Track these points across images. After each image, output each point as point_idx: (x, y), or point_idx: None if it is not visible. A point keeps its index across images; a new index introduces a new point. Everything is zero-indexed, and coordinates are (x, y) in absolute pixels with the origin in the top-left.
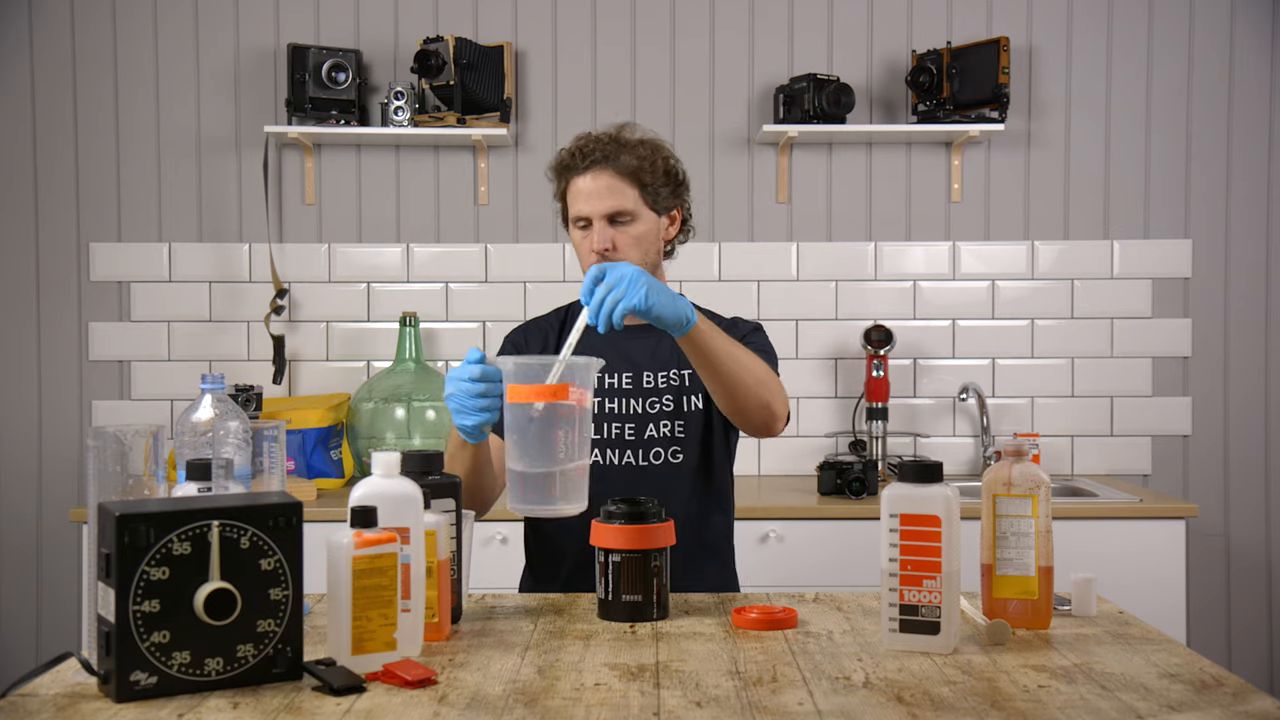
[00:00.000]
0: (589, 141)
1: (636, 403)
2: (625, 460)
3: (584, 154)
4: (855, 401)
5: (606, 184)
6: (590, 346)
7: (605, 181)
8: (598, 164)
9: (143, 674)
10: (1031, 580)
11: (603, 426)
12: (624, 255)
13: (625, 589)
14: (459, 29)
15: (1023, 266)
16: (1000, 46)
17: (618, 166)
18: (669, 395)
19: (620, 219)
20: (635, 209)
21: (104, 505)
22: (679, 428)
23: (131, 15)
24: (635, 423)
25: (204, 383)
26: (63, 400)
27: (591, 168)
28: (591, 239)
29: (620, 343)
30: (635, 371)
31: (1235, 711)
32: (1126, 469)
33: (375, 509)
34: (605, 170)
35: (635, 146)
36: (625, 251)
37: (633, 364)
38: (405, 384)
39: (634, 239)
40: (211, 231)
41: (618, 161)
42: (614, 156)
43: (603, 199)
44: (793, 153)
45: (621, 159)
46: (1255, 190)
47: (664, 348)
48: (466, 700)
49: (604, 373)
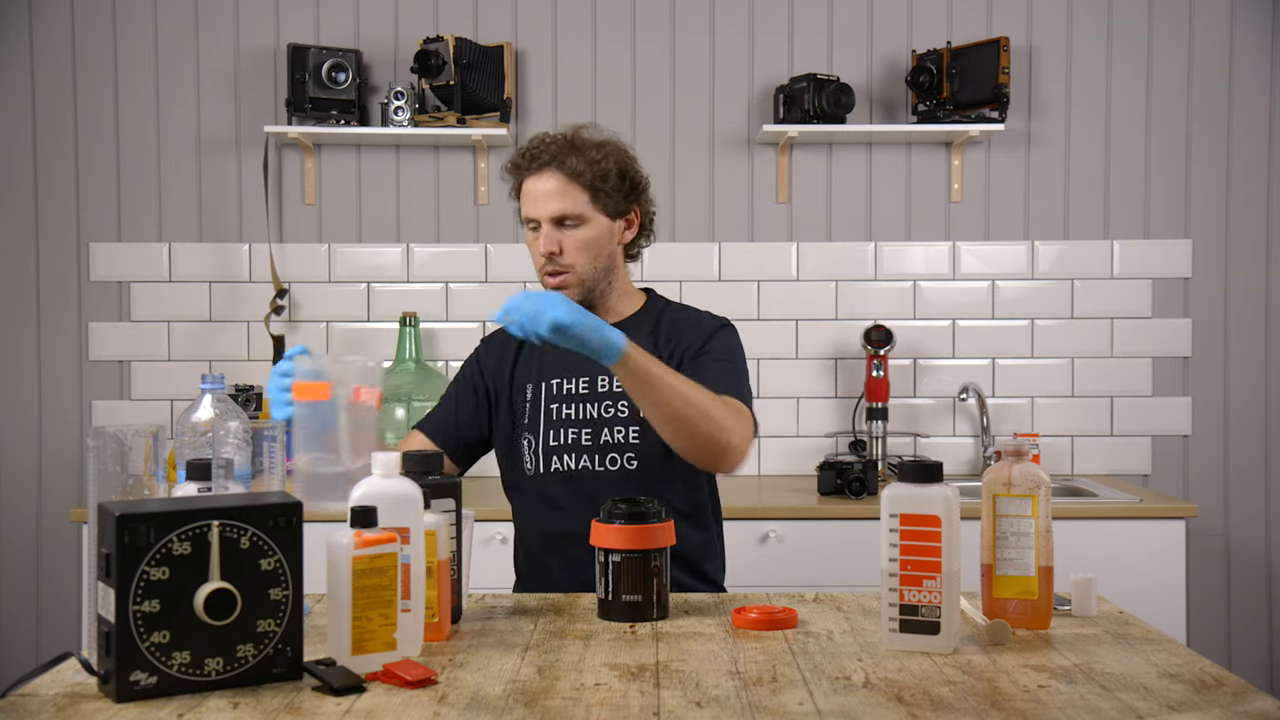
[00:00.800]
0: (541, 142)
1: (592, 407)
2: (582, 465)
3: (534, 155)
4: (855, 401)
5: (555, 186)
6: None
7: (554, 184)
8: (546, 165)
9: (143, 674)
10: (1031, 580)
11: (560, 431)
12: (570, 259)
13: (625, 589)
14: (459, 29)
15: (1023, 266)
16: (1000, 46)
17: (566, 169)
18: (624, 400)
19: (568, 222)
20: (584, 213)
21: (104, 505)
22: (633, 434)
23: (131, 15)
24: (591, 427)
25: (204, 383)
26: (63, 400)
27: (541, 169)
28: (538, 240)
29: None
30: (591, 375)
31: (1235, 711)
32: (1126, 469)
33: (375, 509)
34: (554, 172)
35: (589, 149)
36: (571, 255)
37: (589, 368)
38: (405, 384)
39: (582, 243)
40: (211, 231)
41: (565, 164)
42: (563, 159)
43: (549, 201)
44: (793, 153)
45: (570, 162)
46: (1255, 190)
47: None
48: (466, 700)
49: (562, 377)
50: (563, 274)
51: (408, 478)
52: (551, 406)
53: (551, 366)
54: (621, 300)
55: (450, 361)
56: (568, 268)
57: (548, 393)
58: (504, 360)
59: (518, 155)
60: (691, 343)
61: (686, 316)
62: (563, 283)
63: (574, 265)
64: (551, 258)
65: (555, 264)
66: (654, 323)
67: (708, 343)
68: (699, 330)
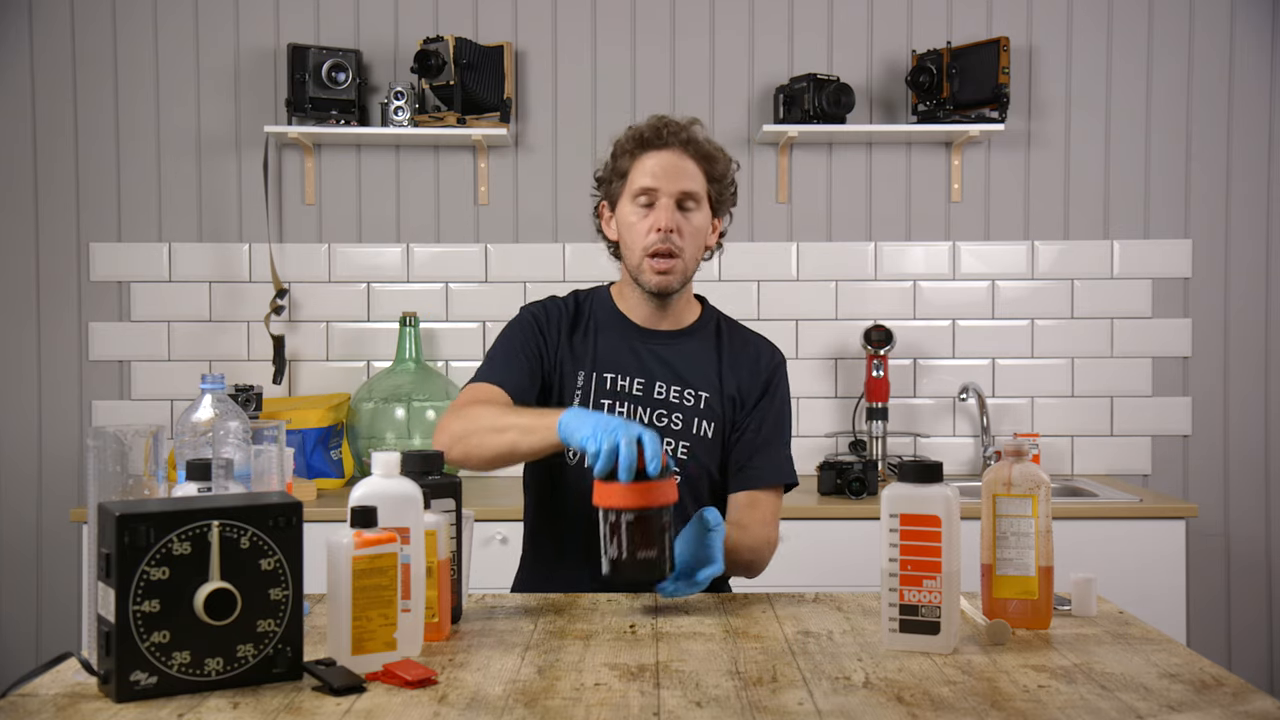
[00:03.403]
0: (671, 121)
1: (644, 411)
2: None
3: (669, 131)
4: (855, 401)
5: (687, 165)
6: (610, 342)
7: (686, 162)
8: (680, 144)
9: (143, 674)
10: (1031, 580)
11: None
12: (684, 243)
13: (640, 546)
14: (459, 29)
15: (1023, 266)
16: (1000, 46)
17: (697, 152)
18: (679, 414)
19: (688, 203)
20: (702, 197)
21: (104, 505)
22: (683, 449)
23: (131, 15)
24: None
25: (204, 383)
26: (63, 400)
27: (672, 146)
28: (655, 215)
29: (642, 346)
30: (647, 378)
31: (1235, 711)
32: (1126, 469)
33: (375, 509)
34: (684, 152)
35: (711, 143)
36: (685, 239)
37: (646, 370)
38: (405, 384)
39: (694, 229)
40: (211, 231)
41: (699, 148)
42: (696, 143)
43: (680, 178)
44: (793, 153)
45: (701, 147)
46: (1255, 190)
47: (684, 361)
48: (466, 700)
49: (616, 372)
50: (674, 256)
51: (408, 478)
52: (603, 401)
53: (606, 359)
54: (688, 306)
55: (450, 362)
56: (680, 250)
57: (599, 386)
58: (560, 338)
59: (644, 129)
60: (753, 385)
61: (745, 342)
62: (670, 268)
63: (684, 249)
64: (668, 235)
65: (670, 242)
66: (714, 337)
67: (765, 392)
68: (758, 367)
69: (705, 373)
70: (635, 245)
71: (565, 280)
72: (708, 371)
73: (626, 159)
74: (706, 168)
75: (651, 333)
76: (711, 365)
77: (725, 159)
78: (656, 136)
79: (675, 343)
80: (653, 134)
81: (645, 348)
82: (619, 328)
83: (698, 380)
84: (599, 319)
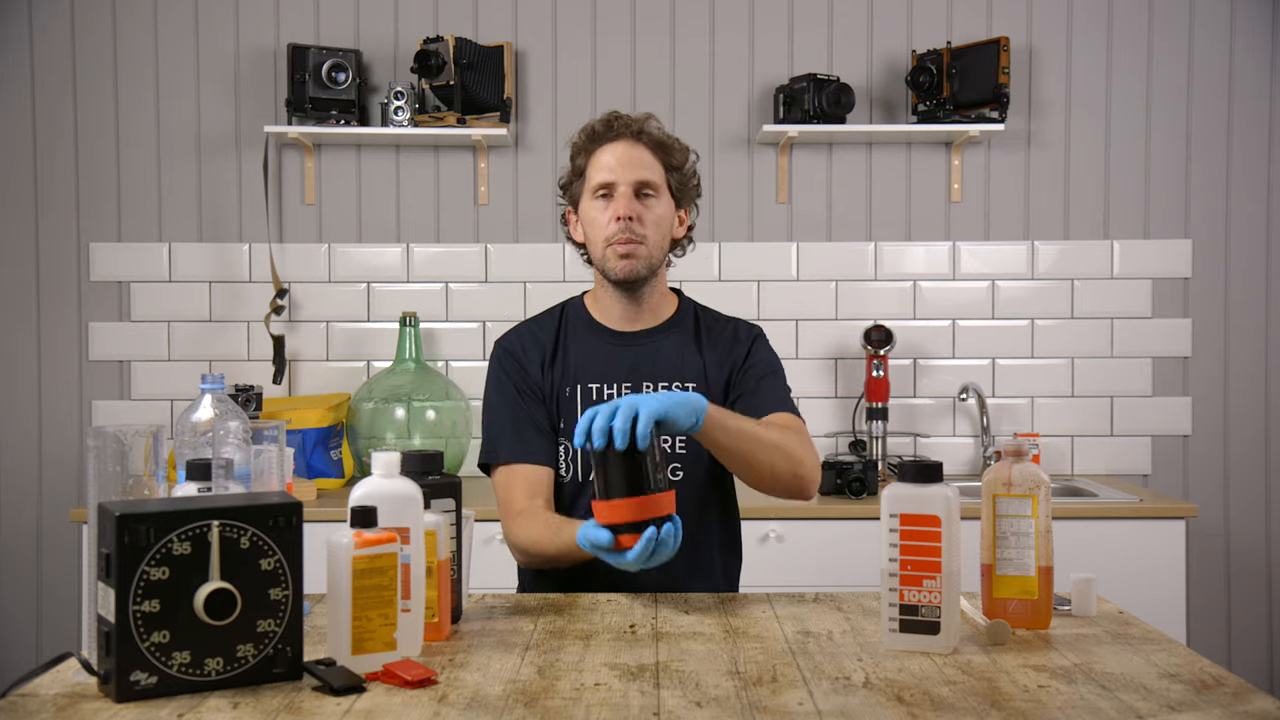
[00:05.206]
0: (619, 116)
1: None
2: None
3: (620, 123)
4: (855, 401)
5: (640, 155)
6: (588, 351)
7: (637, 153)
8: (631, 136)
9: (143, 674)
10: (1031, 580)
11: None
12: (645, 230)
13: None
14: (459, 29)
15: (1023, 266)
16: (1000, 46)
17: (649, 141)
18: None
19: (646, 192)
20: (661, 186)
21: (104, 505)
22: (679, 444)
23: (131, 15)
24: None
25: (204, 383)
26: (63, 400)
27: (624, 137)
28: (614, 205)
29: (620, 349)
30: (634, 382)
31: (1235, 711)
32: (1126, 469)
33: (375, 509)
34: (638, 142)
35: (664, 133)
36: (647, 227)
37: (630, 373)
38: (405, 384)
39: (656, 218)
40: (211, 231)
41: (651, 137)
42: (648, 132)
43: (633, 168)
44: (793, 153)
45: (654, 135)
46: (1255, 190)
47: (667, 356)
48: (466, 700)
49: (601, 381)
50: (636, 243)
51: (408, 477)
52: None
53: (589, 369)
54: (663, 300)
55: (450, 362)
56: (642, 237)
57: (585, 397)
58: (544, 361)
59: (596, 125)
60: (737, 354)
61: (723, 325)
62: (633, 252)
63: (647, 237)
64: (628, 224)
65: (631, 231)
66: (694, 327)
67: (750, 353)
68: (737, 339)
69: (690, 363)
70: (598, 239)
71: (565, 280)
72: (692, 361)
73: (582, 157)
74: (663, 157)
75: (630, 335)
76: (694, 355)
77: (682, 148)
78: (608, 129)
79: (654, 340)
80: (604, 127)
81: (625, 350)
82: (596, 334)
83: (683, 372)
84: (576, 330)
